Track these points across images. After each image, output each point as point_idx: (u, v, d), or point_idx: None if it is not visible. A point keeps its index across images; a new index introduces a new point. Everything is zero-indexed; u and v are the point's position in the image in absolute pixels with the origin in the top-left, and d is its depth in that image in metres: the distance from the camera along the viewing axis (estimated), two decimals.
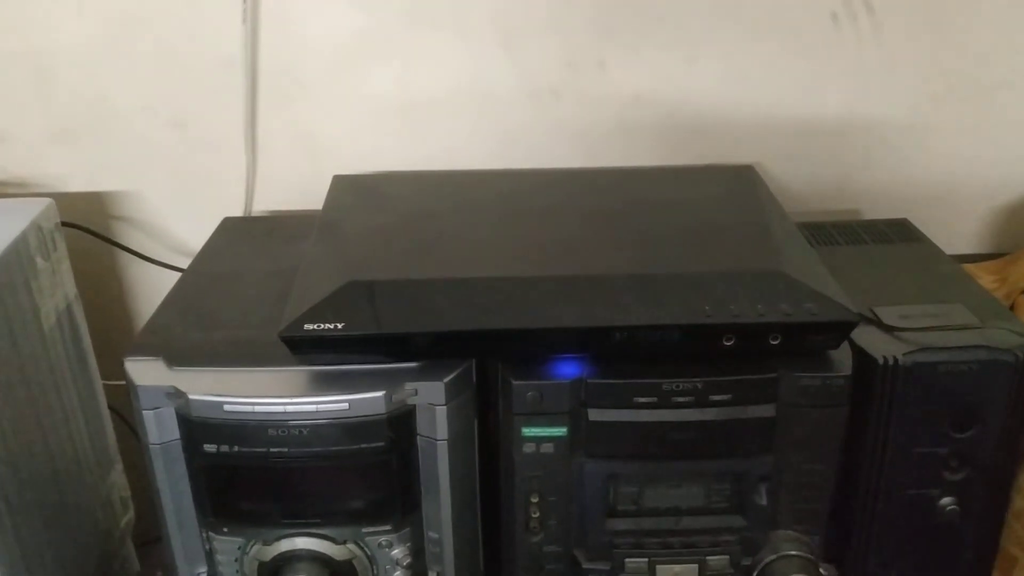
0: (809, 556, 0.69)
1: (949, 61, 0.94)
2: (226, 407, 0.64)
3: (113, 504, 0.97)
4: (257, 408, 0.64)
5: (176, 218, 0.99)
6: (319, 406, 0.64)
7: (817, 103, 0.96)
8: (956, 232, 1.00)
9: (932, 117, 0.97)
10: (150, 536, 0.98)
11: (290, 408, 0.64)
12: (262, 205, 0.99)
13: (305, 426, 0.65)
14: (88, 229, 0.93)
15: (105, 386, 0.96)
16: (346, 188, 0.82)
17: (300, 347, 0.65)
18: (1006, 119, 0.97)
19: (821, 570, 0.69)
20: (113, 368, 0.94)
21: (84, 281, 0.92)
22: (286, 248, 0.83)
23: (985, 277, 0.90)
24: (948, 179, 1.00)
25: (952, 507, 0.70)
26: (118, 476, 0.98)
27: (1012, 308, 0.84)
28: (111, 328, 0.99)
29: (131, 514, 1.00)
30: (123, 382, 0.69)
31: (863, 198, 1.01)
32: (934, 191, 1.00)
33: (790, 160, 0.98)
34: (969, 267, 0.89)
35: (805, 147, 0.98)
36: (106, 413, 0.96)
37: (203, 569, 0.72)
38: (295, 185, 0.97)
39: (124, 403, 0.97)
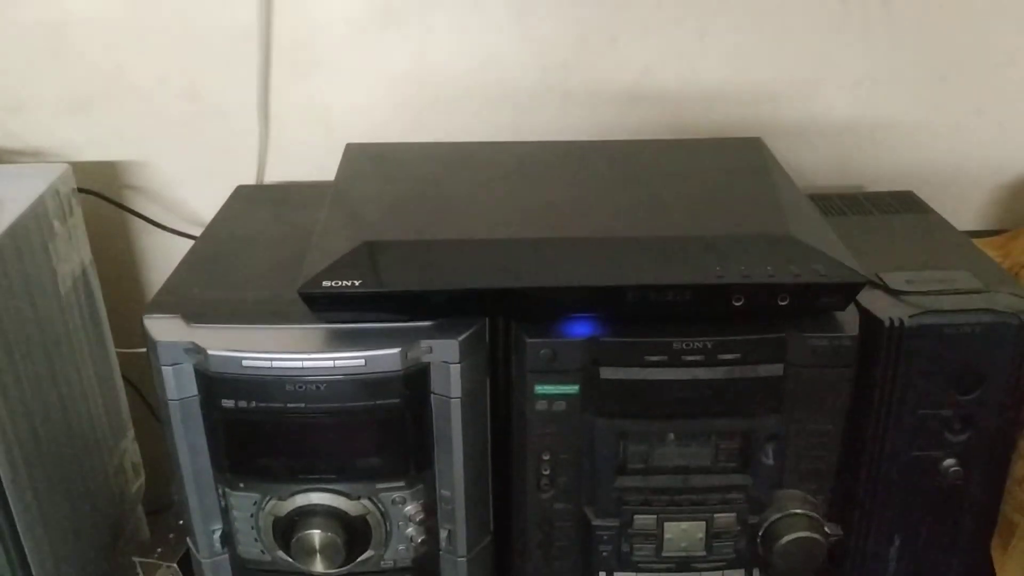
0: (814, 515, 0.70)
1: (956, 39, 0.96)
2: (244, 362, 0.65)
3: (125, 470, 0.98)
4: (275, 363, 0.65)
5: (190, 188, 1.00)
6: (336, 362, 0.65)
7: (825, 81, 0.97)
8: (961, 209, 1.01)
9: (938, 95, 0.98)
10: (159, 505, 0.99)
11: (307, 364, 0.65)
12: (274, 176, 1.00)
13: (322, 382, 0.66)
14: (103, 196, 0.94)
15: (118, 354, 0.97)
16: (360, 155, 0.83)
17: (318, 304, 0.66)
18: (1011, 97, 0.98)
19: (826, 528, 0.70)
20: (126, 336, 0.96)
21: (99, 249, 0.93)
22: (299, 215, 0.84)
23: (989, 252, 0.91)
24: (953, 157, 1.01)
25: (955, 469, 0.71)
26: (130, 442, 0.99)
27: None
28: (125, 296, 1.00)
29: (142, 480, 1.01)
30: (136, 349, 0.70)
31: (868, 175, 1.02)
32: (939, 168, 1.01)
33: (797, 136, 0.99)
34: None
35: (811, 124, 0.99)
36: (119, 379, 0.97)
37: (218, 526, 0.73)
38: (307, 156, 0.98)
39: (136, 372, 0.99)
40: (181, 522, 0.89)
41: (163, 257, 1.01)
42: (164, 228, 0.97)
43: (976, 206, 1.04)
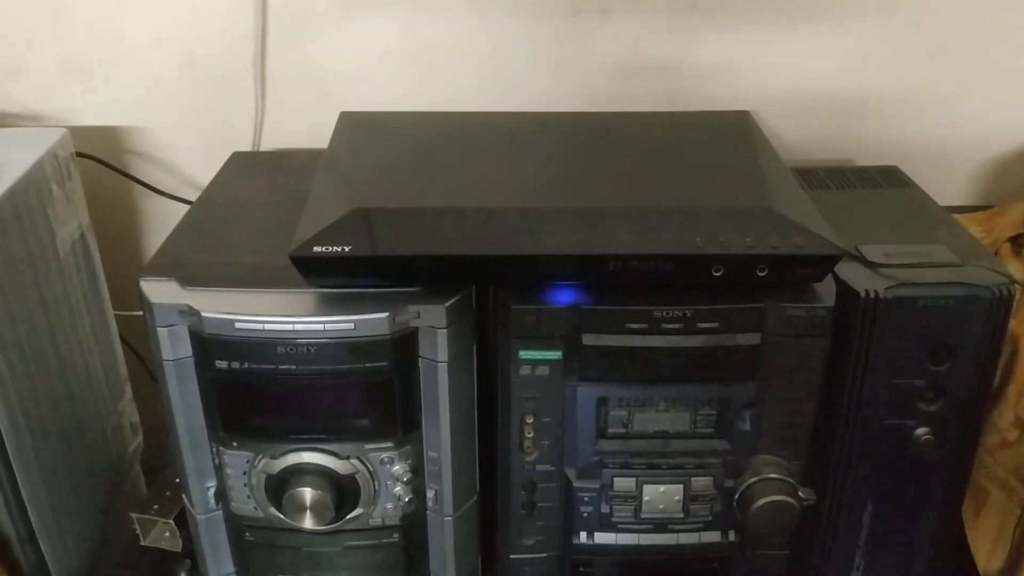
0: (789, 479, 0.72)
1: (946, 15, 0.96)
2: (237, 325, 0.67)
3: (123, 429, 1.00)
4: (267, 326, 0.67)
5: (186, 153, 1.01)
6: (326, 325, 0.67)
7: (814, 57, 0.98)
8: (948, 184, 1.03)
9: (926, 72, 0.99)
10: (157, 464, 1.02)
11: (298, 327, 0.67)
12: (270, 143, 1.01)
13: (312, 344, 0.67)
14: (101, 160, 0.96)
15: (116, 316, 0.99)
16: (353, 124, 0.84)
17: (309, 268, 0.67)
18: (997, 74, 0.99)
19: (800, 493, 0.72)
20: (124, 298, 0.98)
21: (97, 213, 0.95)
22: (294, 181, 0.85)
23: (973, 228, 0.92)
24: (940, 132, 1.02)
25: (927, 437, 0.73)
26: (128, 403, 1.02)
27: (996, 255, 0.87)
28: (123, 259, 1.02)
29: (140, 439, 1.03)
30: (134, 312, 0.71)
31: (856, 150, 1.03)
32: (927, 144, 1.02)
33: (785, 110, 1.00)
34: (958, 218, 0.91)
35: (800, 98, 1.00)
36: (117, 340, 0.99)
37: (212, 483, 0.76)
38: (303, 123, 0.99)
39: (135, 334, 1.01)
40: (178, 480, 0.91)
41: (161, 221, 1.03)
42: (161, 193, 0.99)
43: (963, 181, 1.05)
